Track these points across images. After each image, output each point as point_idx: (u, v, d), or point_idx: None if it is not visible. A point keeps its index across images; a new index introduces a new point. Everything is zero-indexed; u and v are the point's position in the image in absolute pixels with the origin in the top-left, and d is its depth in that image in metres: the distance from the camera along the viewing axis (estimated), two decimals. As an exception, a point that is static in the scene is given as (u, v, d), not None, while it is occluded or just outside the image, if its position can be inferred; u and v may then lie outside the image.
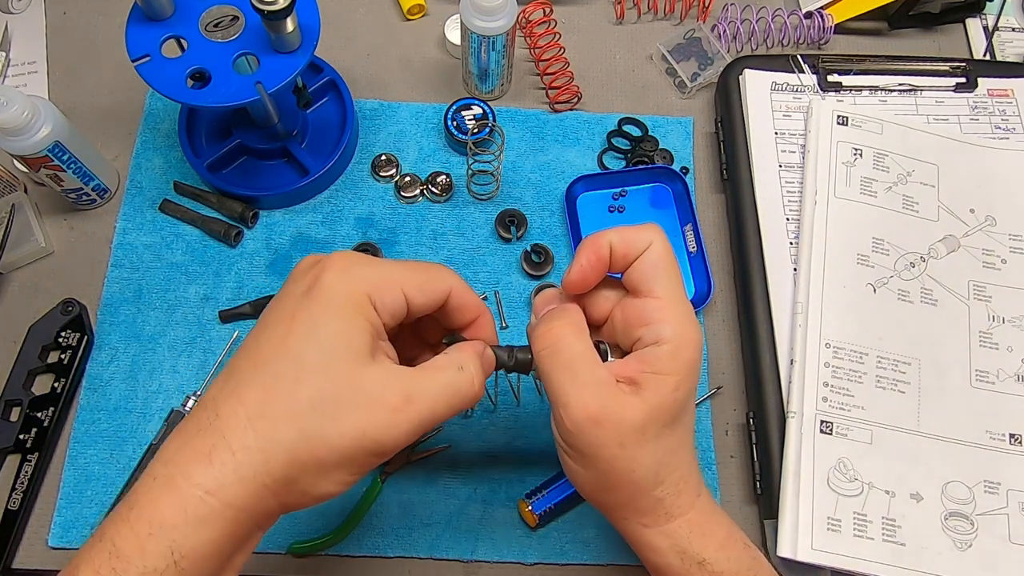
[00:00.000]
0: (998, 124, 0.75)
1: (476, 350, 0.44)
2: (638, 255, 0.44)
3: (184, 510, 0.36)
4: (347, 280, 0.40)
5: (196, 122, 0.74)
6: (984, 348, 0.65)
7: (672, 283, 0.44)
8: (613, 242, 0.44)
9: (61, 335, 0.66)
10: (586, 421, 0.42)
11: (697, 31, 0.80)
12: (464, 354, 0.43)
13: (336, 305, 0.39)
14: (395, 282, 0.41)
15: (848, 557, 0.58)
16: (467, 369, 0.42)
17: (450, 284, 0.44)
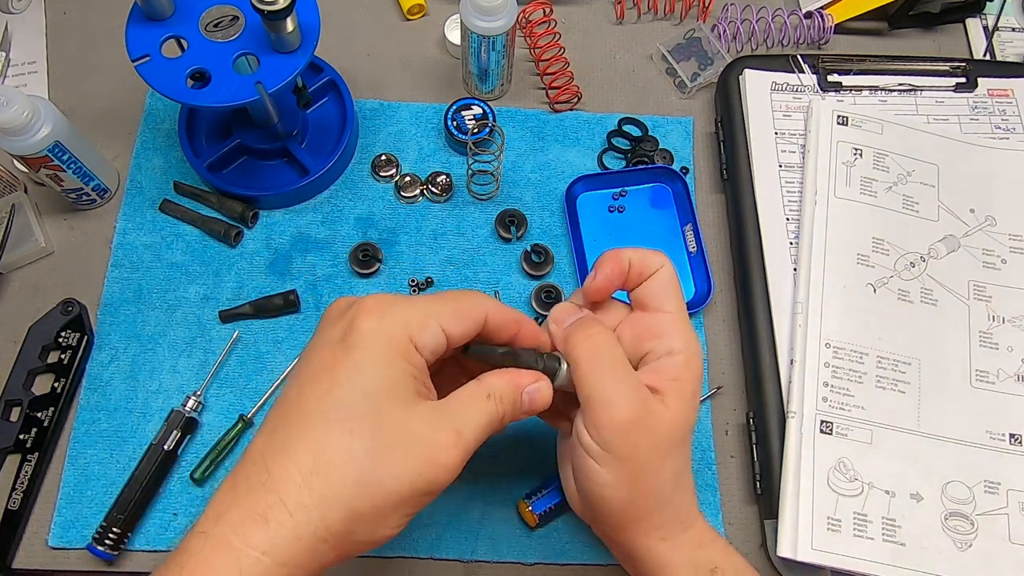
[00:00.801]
0: (998, 124, 0.75)
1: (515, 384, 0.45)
2: (651, 273, 0.48)
3: (239, 571, 0.36)
4: (385, 324, 0.40)
5: (196, 122, 0.74)
6: (984, 348, 0.65)
7: (680, 302, 0.48)
8: (632, 259, 0.48)
9: (61, 335, 0.66)
10: (630, 422, 0.43)
11: (697, 31, 0.80)
12: (495, 383, 0.44)
13: (378, 351, 0.40)
14: (432, 318, 0.42)
15: (848, 557, 0.58)
16: (495, 396, 0.43)
17: (485, 309, 0.44)
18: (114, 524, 0.59)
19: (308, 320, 0.69)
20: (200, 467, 0.63)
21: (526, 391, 0.45)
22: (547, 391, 0.46)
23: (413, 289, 0.70)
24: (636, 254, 0.48)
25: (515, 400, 0.44)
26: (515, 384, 0.45)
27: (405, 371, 0.40)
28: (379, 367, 0.39)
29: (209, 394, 0.66)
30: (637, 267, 0.48)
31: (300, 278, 0.70)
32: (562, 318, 0.49)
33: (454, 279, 0.70)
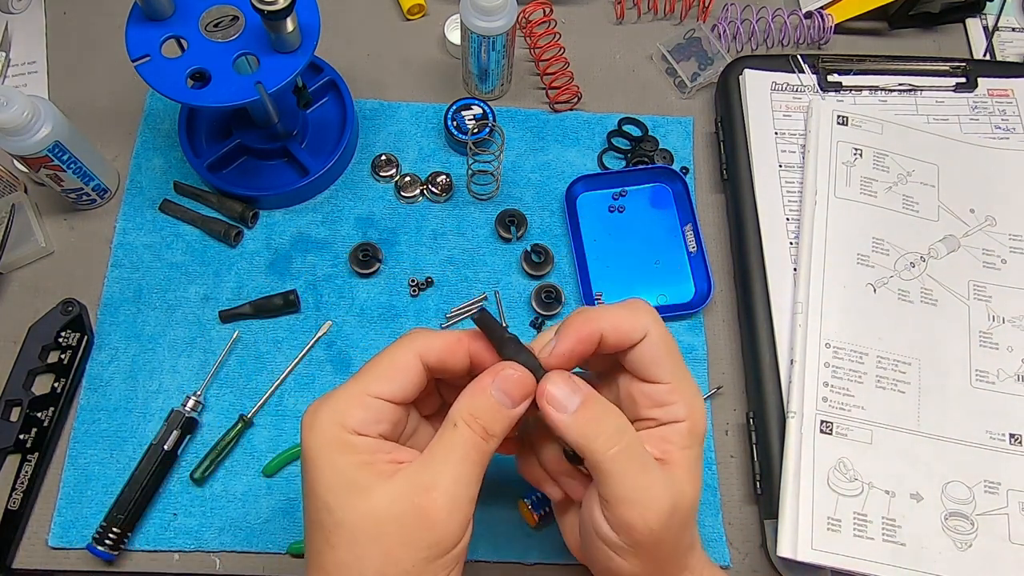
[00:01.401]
0: (998, 124, 0.75)
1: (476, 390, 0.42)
2: (634, 344, 0.43)
3: None
4: (317, 431, 0.40)
5: (196, 122, 0.74)
6: (984, 348, 0.65)
7: (676, 364, 0.44)
8: (605, 332, 0.43)
9: (61, 335, 0.66)
10: (667, 515, 0.41)
11: (697, 31, 0.80)
12: (456, 407, 0.41)
13: (320, 460, 0.39)
14: (360, 395, 0.41)
15: (848, 557, 0.58)
16: (462, 419, 0.41)
17: (413, 352, 0.42)
18: (114, 524, 0.59)
19: (308, 320, 0.69)
20: (200, 467, 0.63)
21: (493, 389, 0.41)
22: (522, 376, 0.42)
23: (413, 289, 0.70)
24: (611, 325, 0.43)
25: (489, 408, 0.41)
26: (480, 391, 0.41)
27: (351, 463, 0.39)
28: (325, 475, 0.39)
29: (209, 394, 0.66)
30: (613, 339, 0.43)
31: (300, 278, 0.70)
32: (562, 402, 0.42)
33: (454, 279, 0.70)
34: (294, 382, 0.67)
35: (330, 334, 0.68)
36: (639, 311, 0.44)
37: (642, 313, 0.44)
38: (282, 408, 0.66)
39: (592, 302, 0.69)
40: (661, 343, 0.43)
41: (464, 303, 0.70)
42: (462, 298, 0.70)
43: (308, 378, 0.67)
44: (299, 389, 0.67)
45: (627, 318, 0.43)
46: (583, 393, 0.42)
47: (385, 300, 0.70)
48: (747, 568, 0.62)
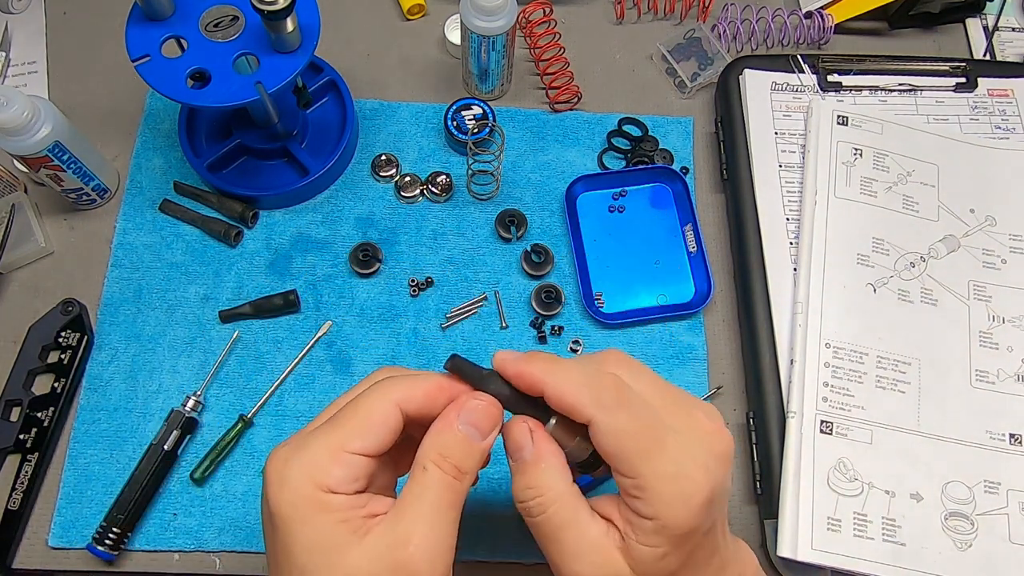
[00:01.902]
0: (998, 124, 0.75)
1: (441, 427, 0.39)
2: (584, 422, 0.38)
3: None
4: (289, 487, 0.36)
5: (196, 122, 0.74)
6: (984, 348, 0.65)
7: (638, 461, 0.37)
8: (545, 391, 0.38)
9: (61, 335, 0.66)
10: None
11: (697, 31, 0.80)
12: (423, 449, 0.38)
13: (293, 521, 0.36)
14: (335, 451, 0.37)
15: (848, 557, 0.58)
16: (431, 462, 0.38)
17: (391, 402, 0.38)
18: (114, 524, 0.59)
19: (308, 320, 0.69)
20: (200, 467, 0.63)
21: (460, 424, 0.38)
22: (487, 405, 0.39)
23: (413, 289, 0.70)
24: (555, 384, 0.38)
25: (458, 444, 0.38)
26: (446, 428, 0.38)
27: (327, 522, 0.36)
28: (301, 537, 0.36)
29: (209, 394, 0.66)
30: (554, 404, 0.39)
31: (300, 278, 0.70)
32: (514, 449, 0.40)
33: (454, 279, 0.70)
34: (294, 382, 0.67)
35: (330, 334, 0.68)
36: (588, 386, 0.38)
37: (589, 391, 0.37)
38: (282, 408, 0.66)
39: (592, 302, 0.69)
40: (613, 434, 0.37)
41: (464, 303, 0.70)
42: (462, 298, 0.70)
43: (308, 378, 0.67)
44: (299, 389, 0.67)
45: (570, 391, 0.38)
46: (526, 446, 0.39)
47: (385, 300, 0.70)
48: (747, 568, 0.62)
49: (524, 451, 0.39)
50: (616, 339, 0.69)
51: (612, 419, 0.37)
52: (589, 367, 0.39)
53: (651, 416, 0.38)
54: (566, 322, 0.69)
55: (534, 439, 0.39)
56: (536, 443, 0.39)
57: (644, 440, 0.37)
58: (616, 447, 0.37)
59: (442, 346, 0.68)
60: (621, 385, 0.38)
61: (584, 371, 0.38)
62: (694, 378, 0.68)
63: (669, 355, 0.68)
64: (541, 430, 0.40)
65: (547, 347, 0.68)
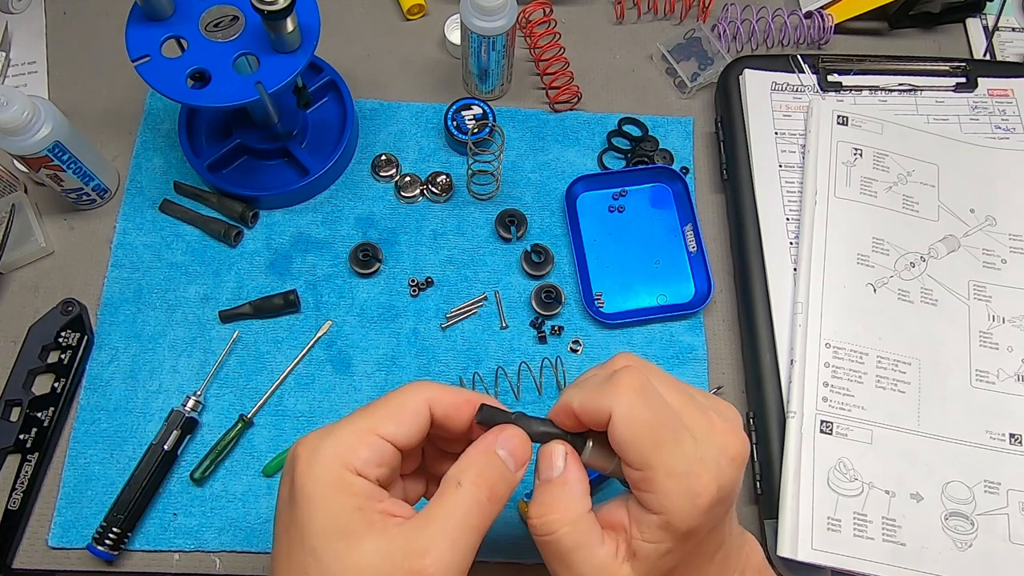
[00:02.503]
0: (998, 124, 0.75)
1: (481, 449, 0.40)
2: (605, 422, 0.39)
3: None
4: (316, 467, 0.37)
5: (196, 122, 0.74)
6: (984, 348, 0.65)
7: (654, 447, 0.38)
8: (577, 411, 0.40)
9: (61, 335, 0.66)
10: None
11: (697, 31, 0.80)
12: (459, 466, 0.39)
13: (315, 499, 0.36)
14: (364, 433, 0.38)
15: (848, 557, 0.58)
16: (467, 479, 0.38)
17: (423, 398, 0.40)
18: (114, 524, 0.59)
19: (308, 320, 0.69)
20: (200, 467, 0.63)
21: (500, 448, 0.40)
22: (523, 439, 0.40)
23: (413, 289, 0.70)
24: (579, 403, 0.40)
25: (496, 468, 0.39)
26: (485, 449, 0.40)
27: (347, 506, 0.36)
28: (319, 517, 0.36)
29: (209, 394, 0.66)
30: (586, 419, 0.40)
31: (300, 278, 0.70)
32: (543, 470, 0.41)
33: (454, 279, 0.70)
34: (294, 382, 0.67)
35: (330, 334, 0.68)
36: (606, 387, 0.39)
37: (608, 389, 0.39)
38: (282, 408, 0.66)
39: (592, 302, 0.69)
40: (629, 424, 0.38)
41: (464, 303, 0.70)
42: (462, 298, 0.70)
43: (308, 378, 0.67)
44: (299, 389, 0.67)
45: (591, 399, 0.39)
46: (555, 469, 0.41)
47: (385, 300, 0.70)
48: (747, 568, 0.62)
49: (554, 470, 0.40)
50: (616, 339, 0.69)
51: (630, 409, 0.38)
52: (604, 377, 0.40)
53: (668, 412, 0.39)
54: (566, 322, 0.69)
55: (566, 461, 0.41)
56: (568, 465, 0.41)
57: (659, 433, 0.38)
58: (630, 436, 0.38)
59: (442, 346, 0.68)
60: (643, 379, 0.39)
61: (601, 381, 0.40)
62: (694, 378, 0.68)
63: (669, 355, 0.68)
64: (575, 454, 0.41)
65: (547, 347, 0.68)
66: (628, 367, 0.40)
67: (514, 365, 0.67)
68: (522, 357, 0.68)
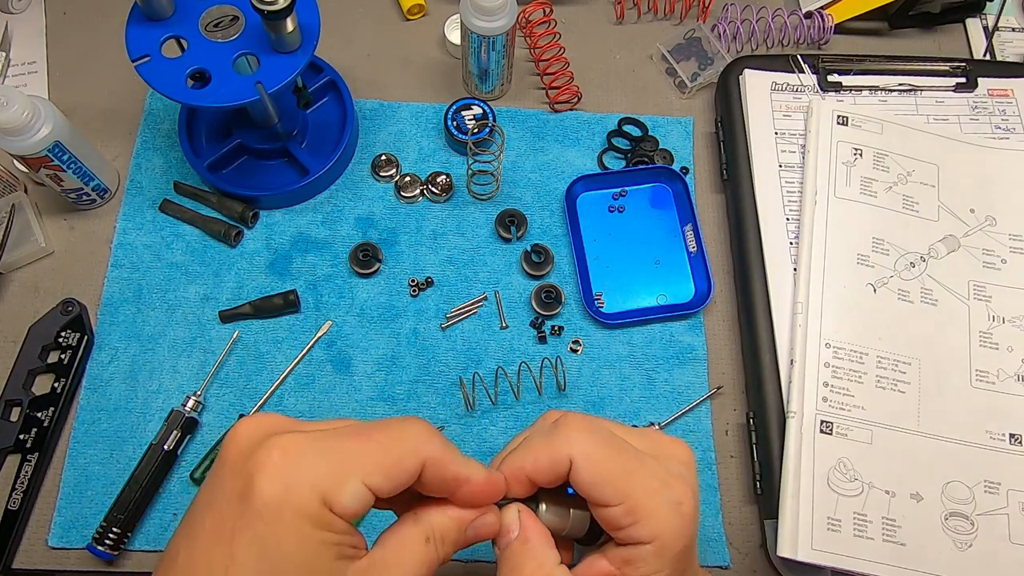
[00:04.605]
0: (998, 124, 0.75)
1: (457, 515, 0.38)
2: (566, 474, 0.38)
3: None
4: (292, 490, 0.32)
5: (196, 122, 0.74)
6: (984, 348, 0.65)
7: (626, 478, 0.37)
8: (529, 473, 0.38)
9: (61, 335, 0.66)
10: None
11: (697, 31, 0.80)
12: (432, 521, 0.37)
13: (284, 524, 0.32)
14: (351, 475, 0.34)
15: (848, 557, 0.58)
16: (435, 539, 0.37)
17: (421, 458, 0.35)
18: (114, 524, 0.59)
19: (308, 320, 0.69)
20: (200, 467, 0.63)
21: (471, 527, 0.38)
22: (494, 523, 0.39)
23: (413, 289, 0.70)
24: (533, 463, 0.38)
25: (457, 541, 0.38)
26: (458, 520, 0.38)
27: (321, 542, 0.33)
28: (286, 544, 0.32)
29: (209, 394, 0.66)
30: (542, 478, 0.38)
31: (300, 278, 0.70)
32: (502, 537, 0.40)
33: (454, 279, 0.70)
34: (294, 382, 0.67)
35: (330, 334, 0.68)
36: (556, 438, 0.38)
37: (560, 440, 0.38)
38: (282, 408, 0.66)
39: (592, 302, 0.69)
40: (594, 463, 0.37)
41: (464, 303, 0.70)
42: (462, 298, 0.70)
43: (308, 378, 0.67)
44: (299, 389, 0.67)
45: (544, 454, 0.38)
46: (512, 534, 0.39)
47: (385, 300, 0.70)
48: (747, 568, 0.63)
49: (512, 532, 0.39)
50: (616, 339, 0.69)
51: (592, 447, 0.38)
52: (548, 428, 0.39)
53: (621, 442, 0.39)
54: (566, 322, 0.69)
55: (522, 519, 0.39)
56: (524, 523, 0.39)
57: (622, 460, 0.38)
58: (600, 473, 0.37)
59: (442, 346, 0.68)
60: (586, 419, 0.39)
61: (547, 433, 0.39)
62: (694, 378, 0.68)
63: (669, 355, 0.68)
64: (529, 511, 0.40)
65: (547, 347, 0.68)
66: (567, 414, 0.39)
67: (514, 365, 0.67)
68: (522, 357, 0.68)
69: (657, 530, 0.37)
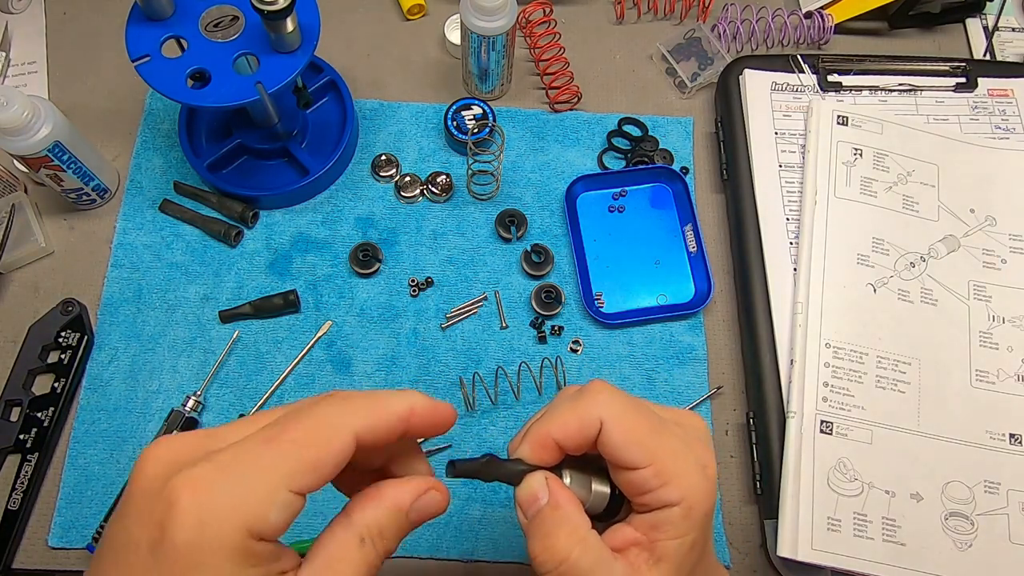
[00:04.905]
0: (998, 124, 0.75)
1: (393, 505, 0.35)
2: (595, 437, 0.38)
3: None
4: (209, 526, 0.29)
5: (196, 122, 0.74)
6: (984, 348, 0.65)
7: (655, 439, 0.37)
8: (557, 438, 0.38)
9: (61, 335, 0.66)
10: None
11: (697, 31, 0.80)
12: (363, 518, 0.34)
13: (206, 568, 0.29)
14: (276, 488, 0.30)
15: (848, 557, 0.58)
16: (370, 537, 0.34)
17: (350, 432, 0.32)
18: (114, 524, 0.59)
19: (308, 320, 0.69)
20: (200, 467, 0.62)
21: (414, 510, 0.36)
22: (440, 499, 0.37)
23: (413, 289, 0.70)
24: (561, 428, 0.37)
25: (400, 530, 0.35)
26: (395, 508, 0.35)
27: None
28: None
29: (209, 394, 0.66)
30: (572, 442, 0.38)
31: (300, 278, 0.70)
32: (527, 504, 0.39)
33: (454, 279, 0.70)
34: (294, 382, 0.67)
35: (330, 334, 0.68)
36: (584, 401, 0.38)
37: (589, 402, 0.38)
38: (282, 408, 0.66)
39: (592, 302, 0.69)
40: (624, 423, 0.37)
41: (464, 303, 0.70)
42: (462, 298, 0.70)
43: (308, 378, 0.67)
44: (299, 389, 0.67)
45: (572, 417, 0.38)
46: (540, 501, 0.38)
47: (385, 300, 0.70)
48: (747, 568, 0.63)
49: (540, 500, 0.38)
50: (616, 339, 0.69)
51: (621, 409, 0.37)
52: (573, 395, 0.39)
53: (645, 405, 0.39)
54: (566, 322, 0.69)
55: (550, 487, 0.38)
56: (553, 489, 0.38)
57: (649, 422, 0.38)
58: (631, 433, 0.37)
59: (442, 346, 0.68)
60: (613, 388, 0.39)
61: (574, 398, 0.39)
62: (694, 378, 0.68)
63: (669, 355, 0.68)
64: (556, 479, 0.39)
65: (547, 347, 0.68)
66: (592, 382, 0.39)
67: (514, 365, 0.67)
68: (522, 357, 0.68)
69: (685, 491, 0.37)
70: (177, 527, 0.29)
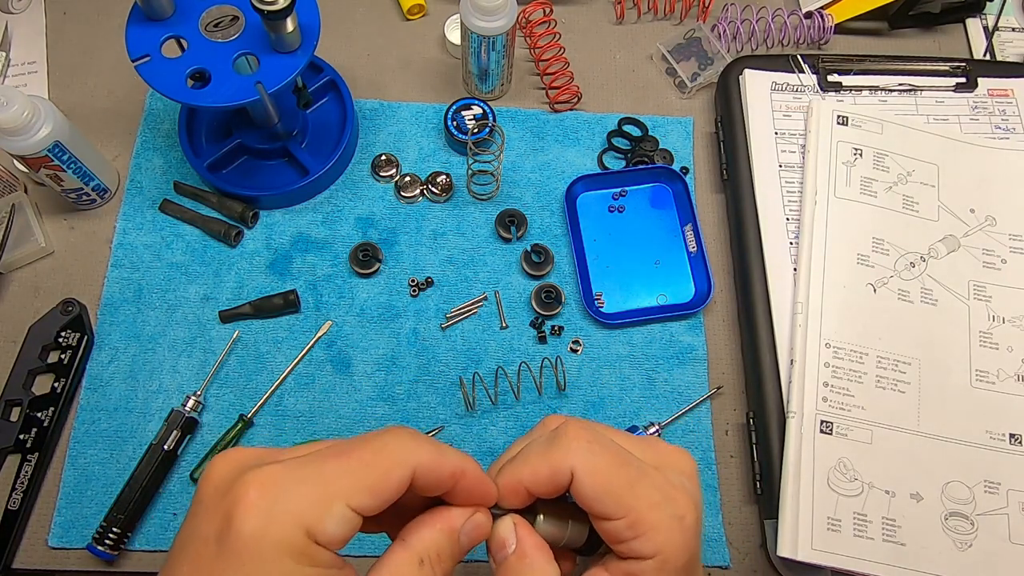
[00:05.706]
0: (998, 124, 0.75)
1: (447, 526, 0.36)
2: (567, 485, 0.37)
3: None
4: (273, 525, 0.31)
5: (196, 122, 0.74)
6: (984, 348, 0.65)
7: (629, 490, 0.36)
8: (528, 486, 0.37)
9: (61, 335, 0.66)
10: None
11: (697, 31, 0.80)
12: (422, 540, 0.35)
13: (267, 561, 0.30)
14: (336, 499, 0.32)
15: (848, 557, 0.58)
16: (429, 559, 0.35)
17: (410, 466, 0.34)
18: (114, 524, 0.59)
19: (308, 320, 0.69)
20: (200, 467, 0.63)
21: (463, 533, 0.36)
22: (483, 520, 0.37)
23: (413, 289, 0.70)
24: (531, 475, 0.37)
25: (454, 553, 0.36)
26: (450, 531, 0.36)
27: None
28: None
29: (209, 394, 0.66)
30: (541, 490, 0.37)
31: (300, 278, 0.70)
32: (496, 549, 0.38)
33: (454, 279, 0.70)
34: (294, 382, 0.67)
35: (330, 334, 0.68)
36: (557, 448, 0.37)
37: (563, 450, 0.36)
38: (282, 408, 0.66)
39: (592, 302, 0.69)
40: (597, 475, 0.36)
41: (464, 303, 0.70)
42: (462, 298, 0.70)
43: (308, 378, 0.67)
44: (299, 389, 0.67)
45: (544, 465, 0.37)
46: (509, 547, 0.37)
47: (385, 300, 0.70)
48: (747, 568, 0.63)
49: (508, 547, 0.37)
50: (616, 339, 0.69)
51: (592, 458, 0.36)
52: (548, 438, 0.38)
53: (623, 452, 0.38)
54: (566, 322, 0.69)
55: (518, 535, 0.37)
56: (520, 536, 0.37)
57: (625, 473, 0.37)
58: (602, 485, 0.36)
59: (442, 346, 0.68)
60: (588, 427, 0.38)
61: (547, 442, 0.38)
62: (694, 378, 0.68)
63: (669, 355, 0.68)
64: (525, 523, 0.38)
65: (547, 347, 0.68)
66: (567, 422, 0.38)
67: (514, 365, 0.67)
68: (522, 357, 0.68)
69: (659, 545, 0.36)
70: (243, 518, 0.30)
